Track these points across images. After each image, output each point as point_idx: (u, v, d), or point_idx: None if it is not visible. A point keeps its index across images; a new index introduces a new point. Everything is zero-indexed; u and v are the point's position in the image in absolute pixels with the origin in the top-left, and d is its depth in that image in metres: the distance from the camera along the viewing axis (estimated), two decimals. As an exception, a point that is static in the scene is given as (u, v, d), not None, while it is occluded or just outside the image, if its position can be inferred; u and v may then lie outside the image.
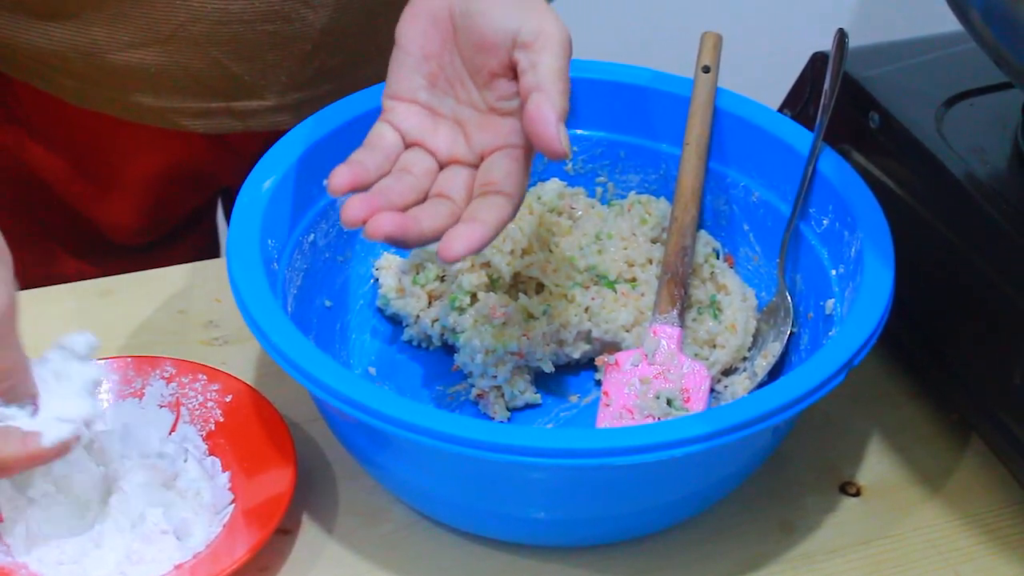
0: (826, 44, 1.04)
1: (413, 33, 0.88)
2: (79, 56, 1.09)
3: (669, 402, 0.93)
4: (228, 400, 0.95)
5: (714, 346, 0.99)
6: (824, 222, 0.97)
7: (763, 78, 1.25)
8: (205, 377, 0.96)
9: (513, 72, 0.84)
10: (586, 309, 1.00)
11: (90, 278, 1.11)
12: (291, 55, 1.11)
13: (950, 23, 0.95)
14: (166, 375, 0.96)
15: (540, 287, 1.02)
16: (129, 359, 0.97)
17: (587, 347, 1.00)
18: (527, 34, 0.83)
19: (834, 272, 0.95)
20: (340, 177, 0.82)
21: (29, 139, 1.19)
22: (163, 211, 1.25)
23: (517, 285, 1.02)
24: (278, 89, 1.13)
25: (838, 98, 1.01)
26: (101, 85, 1.11)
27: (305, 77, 1.13)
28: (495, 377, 0.97)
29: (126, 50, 1.08)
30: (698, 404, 0.93)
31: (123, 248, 1.26)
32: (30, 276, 1.17)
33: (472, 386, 0.98)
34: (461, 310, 0.99)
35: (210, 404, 0.95)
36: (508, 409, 0.98)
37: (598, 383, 1.00)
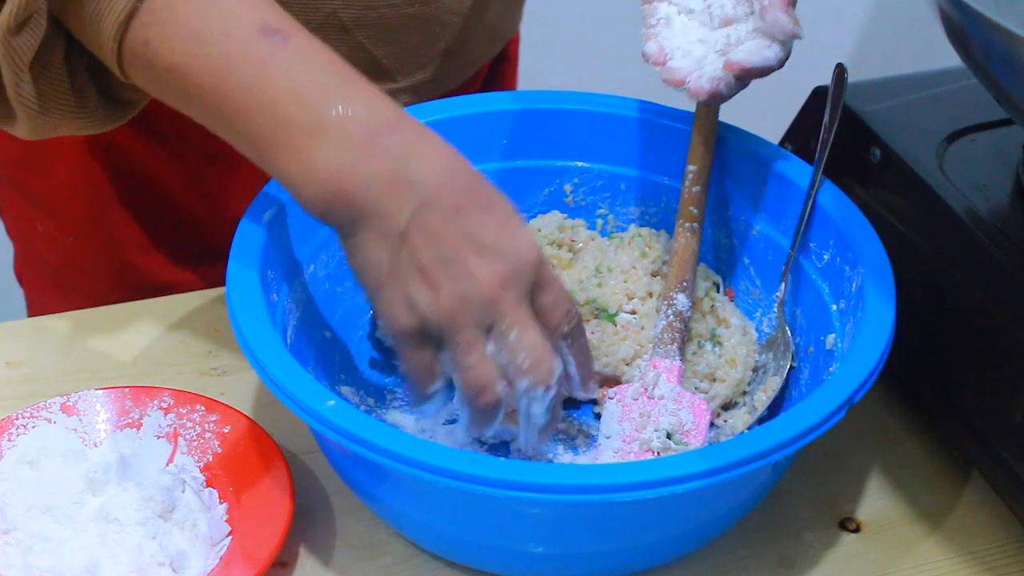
0: (828, 79, 1.04)
1: None
2: None
3: (669, 436, 0.93)
4: (226, 431, 0.95)
5: (714, 379, 0.99)
6: (825, 257, 0.97)
7: (765, 112, 1.25)
8: (203, 408, 0.96)
9: None
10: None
11: (211, 285, 1.12)
12: (425, 36, 1.15)
13: (952, 58, 0.95)
14: (164, 405, 0.96)
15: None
16: (127, 389, 0.97)
17: None
18: None
19: (835, 307, 0.95)
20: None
21: (158, 145, 1.19)
22: None
23: None
24: (407, 71, 1.17)
25: (839, 132, 1.01)
26: None
27: (429, 58, 1.17)
28: None
29: None
30: (698, 438, 0.93)
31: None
32: (152, 284, 1.18)
33: None
34: None
35: (208, 435, 0.95)
36: None
37: (598, 416, 0.99)
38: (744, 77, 0.94)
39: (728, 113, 1.03)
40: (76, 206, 1.22)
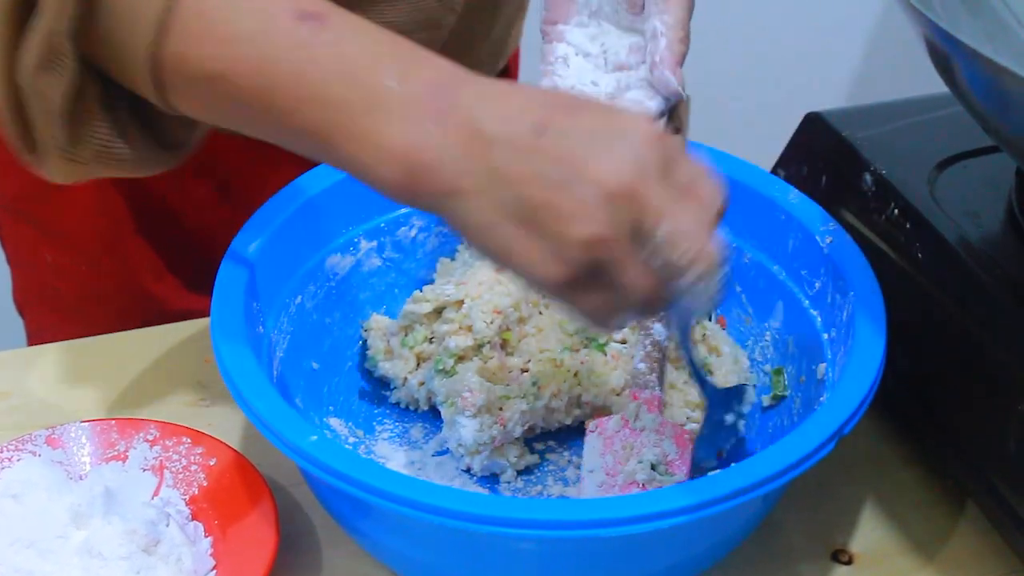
0: (820, 105, 1.03)
1: None
2: None
3: (653, 467, 0.92)
4: (212, 464, 0.94)
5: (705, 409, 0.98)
6: (816, 285, 0.96)
7: (757, 139, 1.25)
8: (189, 440, 0.95)
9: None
10: (575, 373, 0.99)
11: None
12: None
13: (943, 84, 0.94)
14: (150, 438, 0.95)
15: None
16: (113, 422, 0.96)
17: (577, 411, 1.00)
18: None
19: (826, 336, 0.95)
20: None
21: (173, 176, 1.17)
22: None
23: (505, 348, 1.01)
24: None
25: (831, 159, 1.00)
26: None
27: None
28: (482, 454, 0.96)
29: None
30: (682, 468, 0.92)
31: None
32: (166, 312, 1.17)
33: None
34: (446, 372, 0.99)
35: (194, 468, 0.94)
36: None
37: (588, 447, 0.99)
38: None
39: (720, 140, 1.03)
40: (91, 235, 1.20)
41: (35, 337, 1.32)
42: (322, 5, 0.81)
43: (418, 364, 1.02)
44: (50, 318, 1.29)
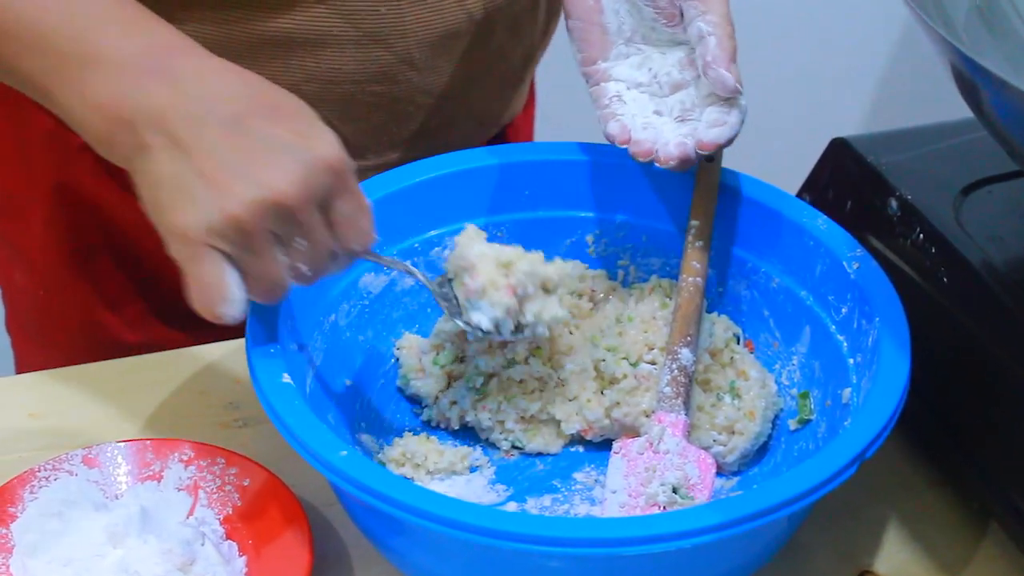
0: (847, 130, 1.04)
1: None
2: None
3: (675, 490, 0.93)
4: (246, 484, 0.95)
5: (733, 432, 0.99)
6: (843, 310, 0.97)
7: (783, 163, 1.26)
8: (224, 460, 0.96)
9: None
10: (603, 391, 1.00)
11: (179, 347, 1.12)
12: (394, 116, 1.14)
13: (968, 109, 0.95)
14: (185, 458, 0.97)
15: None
16: (148, 442, 0.98)
17: (606, 423, 1.00)
18: None
19: (852, 361, 0.95)
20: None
21: (131, 202, 1.18)
22: None
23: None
24: (378, 150, 1.16)
25: (857, 184, 1.01)
26: None
27: (403, 138, 1.16)
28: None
29: None
30: (704, 492, 0.93)
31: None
32: (120, 344, 1.18)
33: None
34: (476, 390, 1.00)
35: (228, 488, 0.95)
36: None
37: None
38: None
39: (746, 164, 1.04)
40: (48, 257, 1.21)
41: (19, 362, 1.32)
42: None
43: (449, 383, 1.03)
44: (25, 341, 1.30)
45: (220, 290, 0.84)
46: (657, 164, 0.96)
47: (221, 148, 0.81)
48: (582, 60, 0.99)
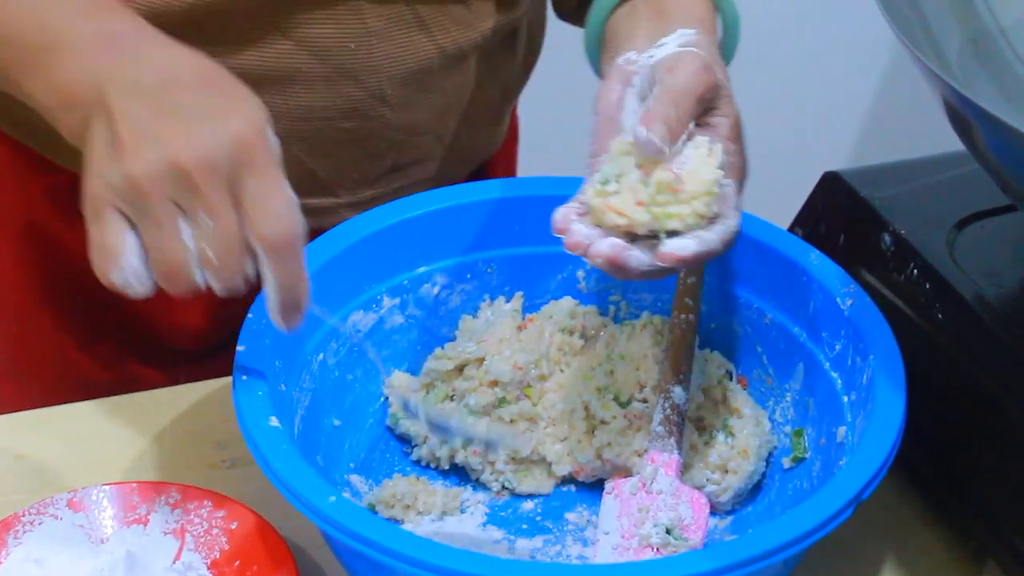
0: (838, 162, 1.03)
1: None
2: None
3: (668, 531, 0.92)
4: (234, 527, 0.94)
5: (726, 471, 0.98)
6: (837, 347, 0.96)
7: (774, 197, 1.25)
8: (211, 503, 0.95)
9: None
10: (594, 431, 0.99)
11: (153, 386, 1.11)
12: (366, 153, 1.13)
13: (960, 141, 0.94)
14: (172, 501, 0.96)
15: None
16: (134, 485, 0.96)
17: (597, 463, 1.00)
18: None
19: (846, 399, 0.94)
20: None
21: None
22: (229, 311, 1.25)
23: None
24: (350, 186, 1.15)
25: (850, 219, 1.00)
26: None
27: (376, 174, 1.15)
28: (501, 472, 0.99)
29: None
30: (697, 533, 0.92)
31: (182, 353, 1.24)
32: (94, 383, 1.17)
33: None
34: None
35: (216, 531, 0.94)
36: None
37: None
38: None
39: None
40: (19, 296, 1.20)
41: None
42: None
43: (439, 423, 1.02)
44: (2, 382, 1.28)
45: (113, 252, 0.82)
46: (586, 260, 0.88)
47: (139, 114, 0.81)
48: (592, 151, 0.96)
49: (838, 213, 1.05)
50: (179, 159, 0.79)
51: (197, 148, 0.80)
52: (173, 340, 1.23)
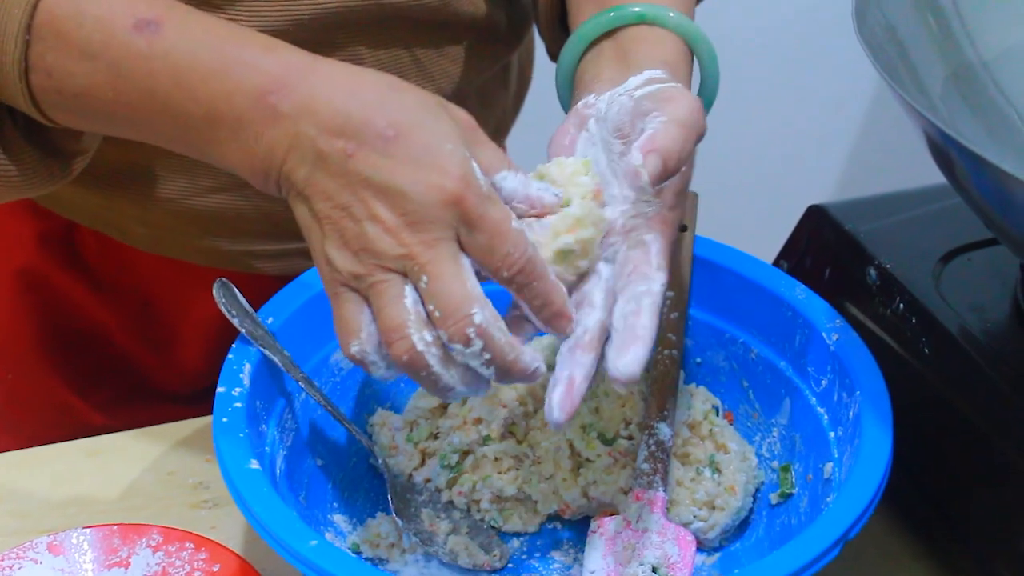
0: (823, 196, 1.03)
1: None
2: (157, 204, 1.08)
3: (655, 570, 0.91)
4: (216, 570, 0.93)
5: (713, 508, 0.97)
6: (823, 382, 0.96)
7: (758, 230, 1.24)
8: (192, 545, 0.94)
9: None
10: (579, 468, 0.98)
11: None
12: None
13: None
14: (153, 543, 0.95)
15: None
16: (115, 527, 0.95)
17: (583, 501, 0.99)
18: None
19: (833, 434, 0.94)
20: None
21: (93, 290, 1.17)
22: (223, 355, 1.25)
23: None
24: None
25: (835, 252, 1.00)
26: (176, 231, 1.11)
27: None
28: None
29: (207, 195, 1.08)
30: (684, 571, 0.91)
31: (170, 396, 1.23)
32: (91, 427, 1.16)
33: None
34: (451, 468, 0.98)
35: (197, 574, 0.93)
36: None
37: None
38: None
39: (721, 232, 1.02)
40: (15, 342, 1.19)
41: None
42: (159, 8, 0.82)
43: (423, 460, 1.02)
44: None
45: (349, 328, 0.81)
46: None
47: (333, 191, 0.79)
48: None
49: (823, 246, 1.05)
50: (391, 236, 0.79)
51: (405, 219, 0.78)
52: (169, 384, 1.23)
